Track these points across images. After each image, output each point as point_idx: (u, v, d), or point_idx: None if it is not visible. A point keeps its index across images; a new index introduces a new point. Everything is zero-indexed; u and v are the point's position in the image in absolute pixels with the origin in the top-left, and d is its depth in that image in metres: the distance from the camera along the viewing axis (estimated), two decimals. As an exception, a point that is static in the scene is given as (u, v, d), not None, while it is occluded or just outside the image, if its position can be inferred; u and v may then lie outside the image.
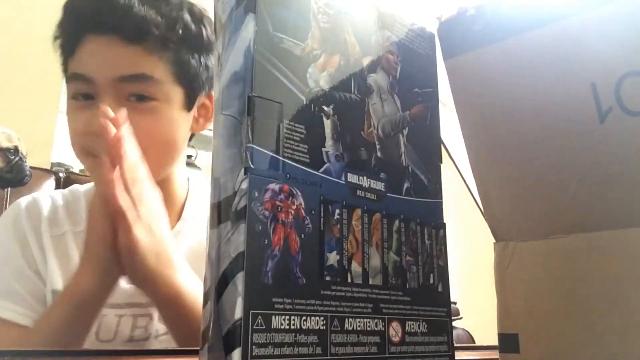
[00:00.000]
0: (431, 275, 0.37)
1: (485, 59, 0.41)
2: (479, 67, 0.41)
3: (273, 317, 0.28)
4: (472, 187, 0.43)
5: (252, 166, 0.29)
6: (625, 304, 0.32)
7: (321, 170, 0.32)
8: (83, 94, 0.67)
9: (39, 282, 0.71)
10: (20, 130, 1.82)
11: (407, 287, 0.35)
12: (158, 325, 0.72)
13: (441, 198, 0.40)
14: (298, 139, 0.31)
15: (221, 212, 0.29)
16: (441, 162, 0.41)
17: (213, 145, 0.32)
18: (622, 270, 0.33)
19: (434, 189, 0.39)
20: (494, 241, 0.39)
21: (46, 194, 0.80)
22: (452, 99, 0.42)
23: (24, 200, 0.78)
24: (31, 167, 1.72)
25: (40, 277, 0.72)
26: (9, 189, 1.71)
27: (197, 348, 0.31)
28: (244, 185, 0.28)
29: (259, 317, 0.27)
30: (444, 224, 0.40)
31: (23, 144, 1.75)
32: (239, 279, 0.27)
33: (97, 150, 0.63)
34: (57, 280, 0.71)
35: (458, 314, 2.47)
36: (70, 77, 0.68)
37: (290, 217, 0.29)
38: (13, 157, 1.67)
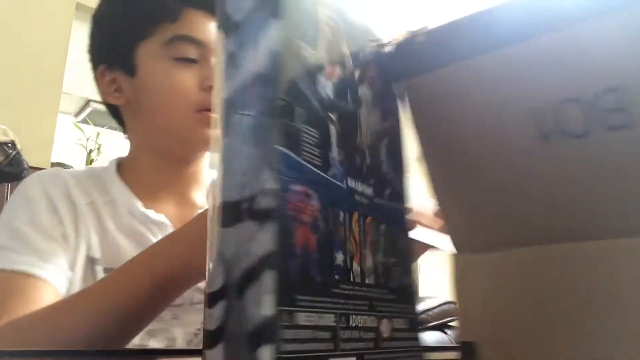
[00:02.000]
0: (406, 275, 0.40)
1: (434, 82, 0.44)
2: (430, 88, 0.44)
3: (297, 314, 0.29)
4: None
5: (277, 167, 0.29)
6: (580, 313, 0.34)
7: (329, 174, 0.33)
8: (187, 57, 0.77)
9: (66, 245, 0.70)
10: (20, 130, 1.85)
11: (391, 286, 0.38)
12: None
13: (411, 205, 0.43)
14: (313, 143, 0.32)
15: (240, 211, 0.29)
16: (410, 173, 0.44)
17: (223, 143, 0.32)
18: (576, 281, 0.35)
19: (407, 196, 0.43)
20: (453, 253, 0.42)
21: (64, 169, 0.81)
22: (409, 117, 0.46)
23: (44, 171, 0.77)
24: (31, 167, 1.75)
25: (67, 241, 0.71)
26: (9, 184, 1.77)
27: (197, 348, 0.30)
28: (271, 185, 0.29)
29: (286, 314, 0.28)
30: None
31: (17, 138, 1.79)
32: (267, 277, 0.28)
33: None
34: (95, 248, 0.71)
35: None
36: (178, 38, 0.77)
37: (309, 218, 0.30)
38: (11, 150, 1.71)
